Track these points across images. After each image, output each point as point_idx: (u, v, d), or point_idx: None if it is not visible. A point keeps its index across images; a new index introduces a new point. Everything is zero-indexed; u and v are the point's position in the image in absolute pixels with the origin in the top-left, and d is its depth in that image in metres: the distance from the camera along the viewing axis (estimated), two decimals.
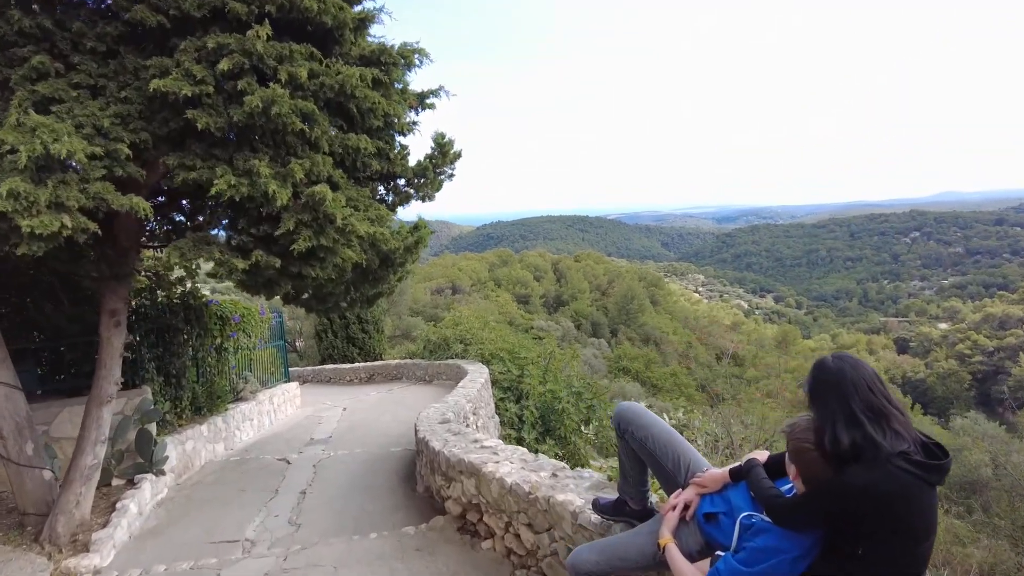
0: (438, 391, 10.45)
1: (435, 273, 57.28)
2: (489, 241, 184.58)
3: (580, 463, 10.73)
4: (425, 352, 11.88)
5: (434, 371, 11.40)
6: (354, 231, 3.85)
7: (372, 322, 17.99)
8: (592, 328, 60.13)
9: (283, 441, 7.43)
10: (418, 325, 22.04)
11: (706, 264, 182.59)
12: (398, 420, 8.33)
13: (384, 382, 12.41)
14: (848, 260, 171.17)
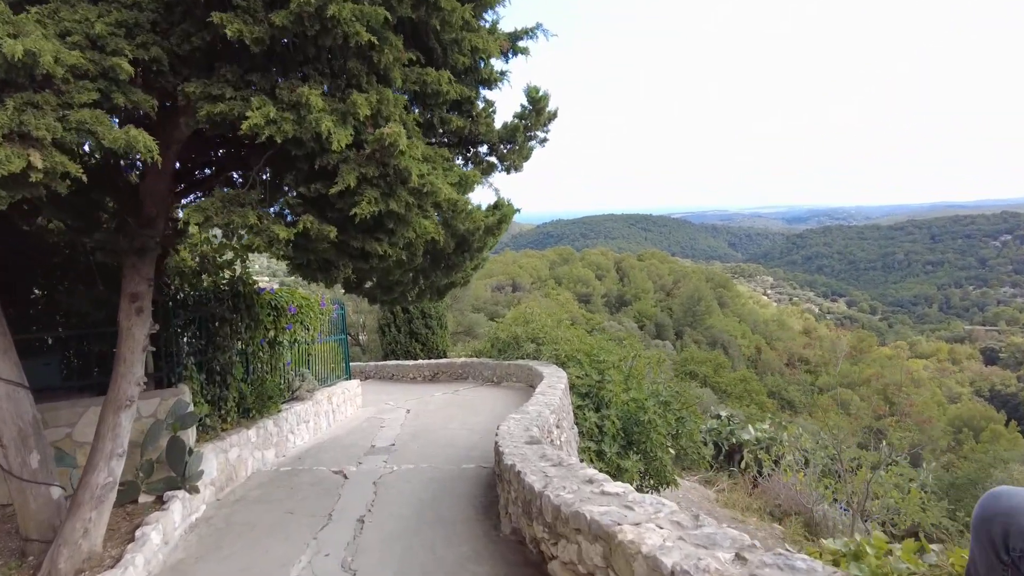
0: (509, 395, 9.48)
1: (496, 270, 56.67)
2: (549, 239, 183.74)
3: (665, 480, 9.55)
4: (493, 351, 10.95)
5: (503, 372, 10.43)
6: (434, 194, 2.86)
7: (436, 317, 17.25)
8: (656, 329, 58.25)
9: (341, 448, 6.59)
10: (480, 322, 21.25)
11: (775, 266, 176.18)
12: (468, 428, 7.37)
13: (449, 382, 11.56)
14: (928, 264, 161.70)
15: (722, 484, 13.66)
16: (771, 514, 11.31)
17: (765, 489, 12.43)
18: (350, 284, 4.60)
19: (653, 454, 9.20)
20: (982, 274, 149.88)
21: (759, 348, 64.52)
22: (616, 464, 8.66)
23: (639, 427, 9.07)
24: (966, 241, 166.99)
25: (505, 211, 4.39)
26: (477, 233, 4.26)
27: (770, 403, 46.81)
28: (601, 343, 10.42)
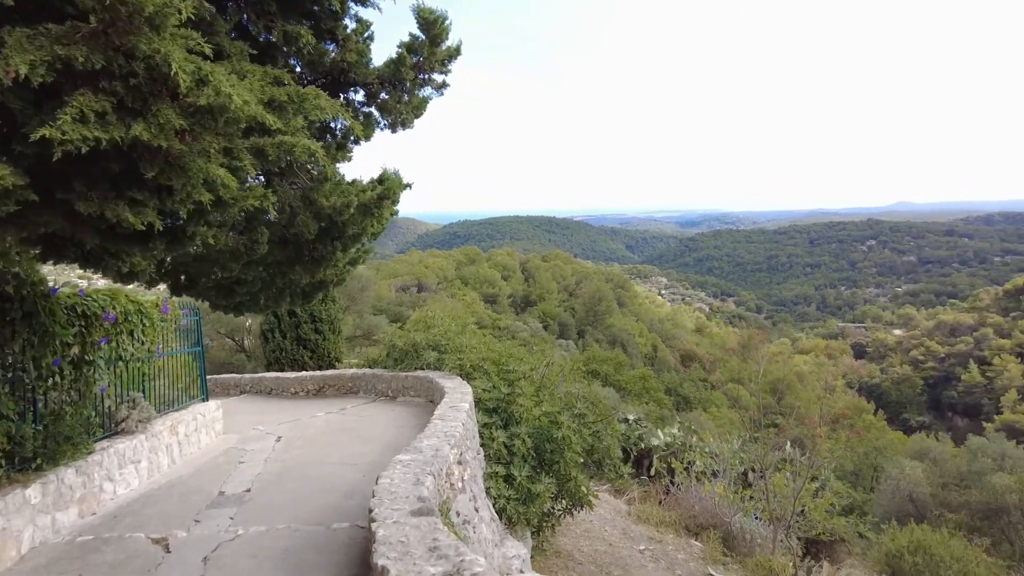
0: (406, 414, 8.17)
1: (401, 270, 54.76)
2: (456, 239, 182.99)
3: (580, 502, 8.61)
4: (389, 360, 9.58)
5: (400, 385, 9.10)
6: (230, 114, 1.59)
7: (328, 321, 15.60)
8: (560, 329, 58.43)
9: (179, 497, 5.07)
10: (382, 325, 19.66)
11: (669, 267, 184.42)
12: (351, 463, 6.02)
13: (336, 397, 10.05)
14: (808, 266, 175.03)
15: (632, 493, 13.01)
16: (687, 528, 10.69)
17: (679, 500, 11.85)
18: (155, 280, 3.20)
19: (567, 474, 8.21)
20: (852, 276, 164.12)
21: (655, 346, 66.47)
22: (527, 489, 7.59)
23: (552, 444, 8.04)
24: (839, 245, 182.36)
25: (390, 184, 3.15)
26: (348, 211, 3.00)
27: (667, 400, 48.03)
28: (510, 350, 9.30)
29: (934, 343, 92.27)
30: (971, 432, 62.22)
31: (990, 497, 12.92)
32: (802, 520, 9.65)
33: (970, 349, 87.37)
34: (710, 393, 53.45)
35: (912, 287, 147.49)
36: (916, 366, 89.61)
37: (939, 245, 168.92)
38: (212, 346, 21.91)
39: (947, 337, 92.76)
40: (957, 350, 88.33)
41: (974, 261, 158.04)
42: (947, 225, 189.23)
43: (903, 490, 14.02)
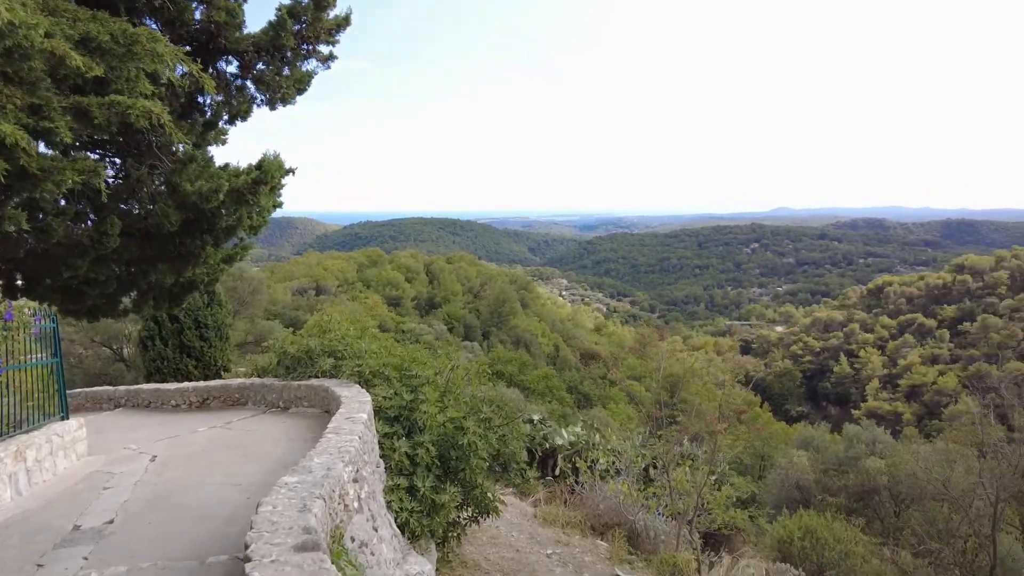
0: (299, 427, 7.58)
1: (297, 272, 52.31)
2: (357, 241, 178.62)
3: (486, 509, 8.36)
4: (280, 368, 8.88)
5: (292, 395, 8.45)
6: (22, 39, 1.18)
7: (214, 327, 14.49)
8: (465, 331, 58.10)
9: (18, 538, 4.33)
10: (275, 330, 18.52)
11: (569, 269, 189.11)
12: (236, 483, 5.43)
13: (222, 409, 9.21)
14: (697, 268, 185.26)
15: (538, 495, 12.94)
16: (592, 528, 10.71)
17: (584, 499, 11.88)
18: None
19: (473, 482, 7.94)
20: (738, 276, 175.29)
21: (557, 346, 67.62)
22: (431, 500, 7.25)
23: (457, 452, 7.74)
24: (725, 248, 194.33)
25: (268, 168, 2.73)
26: (217, 198, 2.56)
27: (569, 398, 48.91)
28: (413, 354, 8.90)
29: (810, 339, 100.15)
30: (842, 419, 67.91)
31: (864, 480, 13.92)
32: (704, 514, 9.89)
33: (840, 343, 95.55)
34: (609, 390, 54.96)
35: (791, 287, 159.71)
36: (795, 360, 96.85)
37: (814, 248, 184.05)
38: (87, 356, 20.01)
39: (821, 333, 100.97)
40: (830, 344, 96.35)
41: (843, 263, 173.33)
42: (820, 229, 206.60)
43: (791, 478, 14.86)
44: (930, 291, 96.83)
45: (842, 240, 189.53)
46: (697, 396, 17.53)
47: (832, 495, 14.32)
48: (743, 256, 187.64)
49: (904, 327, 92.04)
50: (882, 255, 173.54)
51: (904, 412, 71.76)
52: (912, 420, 68.16)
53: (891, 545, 12.49)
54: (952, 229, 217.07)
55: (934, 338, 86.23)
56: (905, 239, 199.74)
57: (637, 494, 10.69)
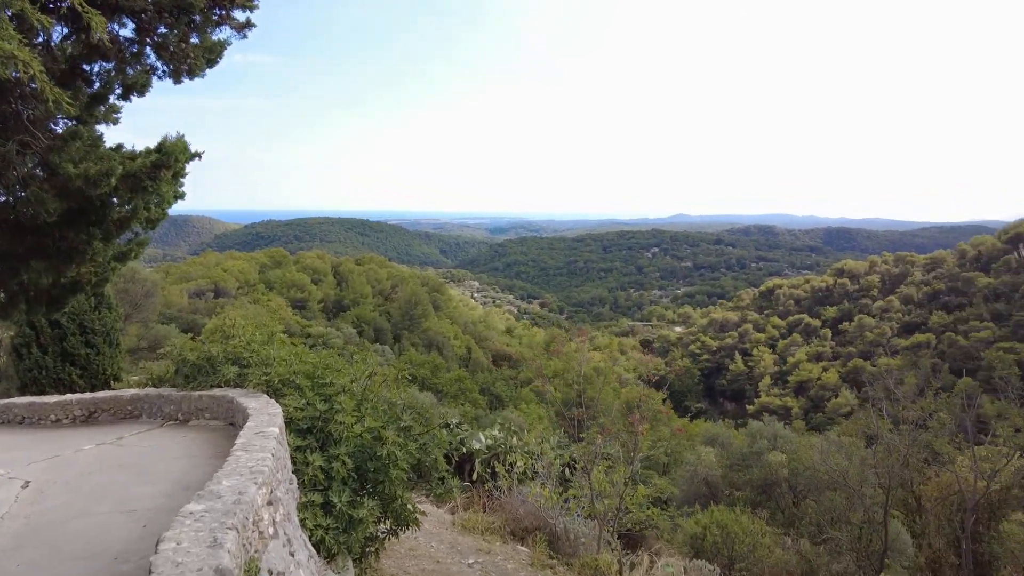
0: (201, 442, 6.91)
1: (195, 273, 49.03)
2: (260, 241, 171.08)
3: (406, 522, 7.99)
4: (179, 377, 8.09)
5: (192, 407, 7.72)
6: None
7: (102, 332, 13.20)
8: (375, 334, 56.77)
9: None
10: (173, 335, 17.12)
11: (481, 271, 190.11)
12: (127, 509, 4.81)
13: (113, 423, 8.27)
14: (602, 271, 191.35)
15: (455, 501, 12.65)
16: (513, 533, 10.56)
17: (503, 504, 11.72)
18: None
19: (392, 494, 7.56)
20: (639, 279, 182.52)
21: (469, 348, 67.55)
22: (348, 516, 6.83)
23: (376, 463, 7.35)
24: (628, 252, 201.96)
25: (170, 149, 2.37)
26: (108, 183, 2.19)
27: (482, 400, 48.95)
28: (327, 360, 8.39)
29: (708, 338, 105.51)
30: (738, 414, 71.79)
31: (767, 473, 14.62)
32: (623, 515, 9.98)
33: (735, 343, 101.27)
34: (520, 391, 55.42)
35: (689, 289, 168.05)
36: (694, 359, 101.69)
37: (710, 252, 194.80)
38: None
39: (718, 333, 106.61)
40: (725, 344, 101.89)
41: (736, 267, 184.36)
42: (716, 235, 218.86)
43: (699, 474, 15.38)
44: (815, 293, 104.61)
45: (736, 245, 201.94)
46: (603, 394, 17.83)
47: (738, 489, 14.93)
48: (645, 260, 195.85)
49: (792, 327, 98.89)
50: (772, 260, 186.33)
51: (793, 406, 77.04)
52: (800, 414, 73.24)
53: (792, 535, 13.17)
54: (833, 236, 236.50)
55: (818, 337, 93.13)
56: (792, 245, 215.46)
57: (556, 497, 10.65)
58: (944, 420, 9.88)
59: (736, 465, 15.73)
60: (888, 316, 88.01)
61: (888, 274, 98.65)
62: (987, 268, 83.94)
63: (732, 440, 17.08)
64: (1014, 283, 77.55)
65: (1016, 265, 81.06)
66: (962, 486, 9.84)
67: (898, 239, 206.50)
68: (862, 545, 9.94)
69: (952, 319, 78.31)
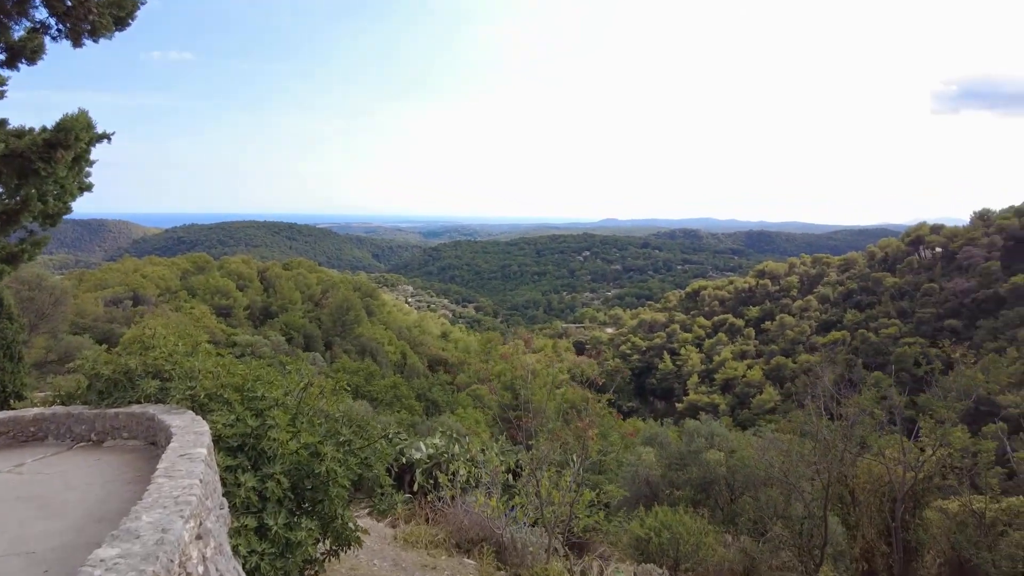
0: (117, 466, 6.24)
1: (111, 279, 45.89)
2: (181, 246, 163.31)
3: (347, 541, 7.52)
4: (91, 393, 7.32)
5: (108, 426, 6.99)
6: None
7: (2, 345, 11.99)
8: (305, 341, 54.92)
9: None
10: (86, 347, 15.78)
11: (415, 276, 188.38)
12: (26, 549, 4.18)
13: (12, 447, 7.39)
14: (535, 274, 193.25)
15: (397, 514, 12.17)
16: (458, 545, 10.21)
17: (446, 515, 11.34)
18: None
19: (332, 512, 7.10)
20: (572, 282, 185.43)
21: (404, 354, 66.54)
22: (284, 539, 6.34)
23: (314, 481, 6.87)
24: (560, 256, 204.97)
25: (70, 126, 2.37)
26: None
27: (418, 405, 48.23)
28: (257, 372, 7.82)
29: (637, 339, 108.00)
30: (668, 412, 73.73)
31: (706, 472, 14.84)
32: (572, 521, 9.82)
33: (664, 343, 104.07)
34: (456, 396, 54.93)
35: (619, 291, 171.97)
36: (625, 359, 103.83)
37: (638, 256, 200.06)
38: None
39: (647, 333, 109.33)
40: (654, 344, 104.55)
41: (663, 269, 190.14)
42: (643, 239, 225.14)
43: (640, 475, 15.46)
44: (738, 294, 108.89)
45: (662, 249, 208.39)
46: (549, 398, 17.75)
47: (678, 488, 15.09)
48: (576, 263, 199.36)
49: (718, 326, 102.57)
50: (697, 262, 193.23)
51: (720, 403, 79.75)
52: (727, 410, 75.87)
53: (732, 531, 13.40)
54: (754, 239, 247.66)
55: (742, 336, 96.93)
56: (716, 248, 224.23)
57: (503, 505, 10.38)
58: (879, 415, 10.26)
59: (675, 464, 15.91)
60: (807, 315, 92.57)
61: (806, 275, 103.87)
62: (893, 268, 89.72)
63: (669, 440, 17.29)
64: (916, 282, 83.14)
65: (918, 266, 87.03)
66: (892, 477, 10.22)
67: (814, 241, 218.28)
68: (803, 540, 10.18)
69: (864, 317, 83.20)
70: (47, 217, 2.23)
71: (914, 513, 10.97)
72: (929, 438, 10.89)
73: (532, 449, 9.90)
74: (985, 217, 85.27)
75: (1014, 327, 65.72)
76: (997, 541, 10.67)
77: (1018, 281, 69.72)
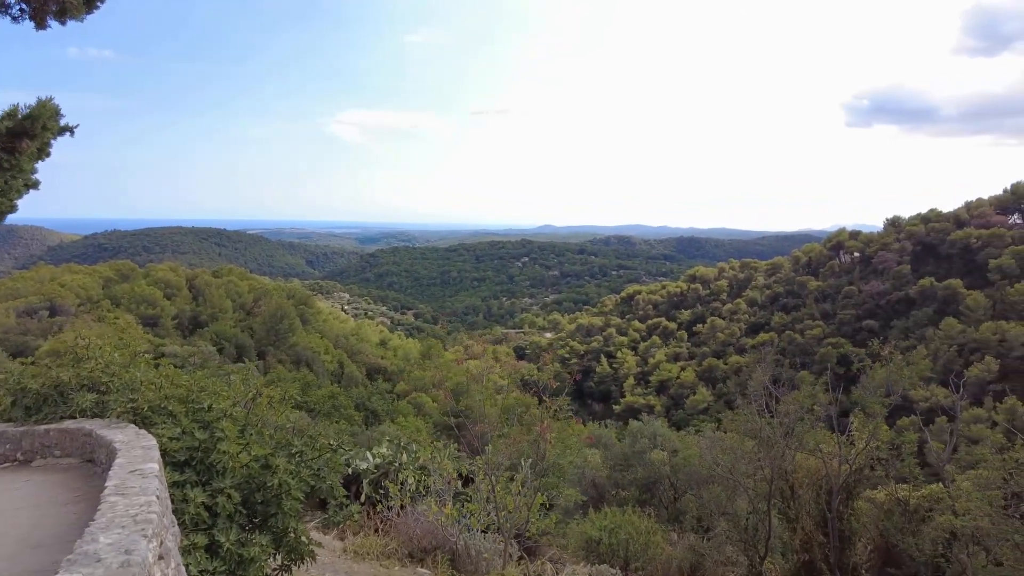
0: (51, 486, 5.81)
1: (24, 289, 42.85)
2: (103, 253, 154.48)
3: (300, 555, 7.26)
4: (17, 410, 6.79)
5: (37, 444, 6.50)
6: None
7: None
8: (237, 351, 52.91)
9: None
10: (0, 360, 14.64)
11: (351, 283, 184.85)
12: None
13: None
14: (475, 280, 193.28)
15: (344, 526, 11.86)
16: (411, 555, 10.05)
17: (396, 525, 11.14)
18: None
19: (284, 527, 6.85)
20: (511, 288, 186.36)
21: (342, 362, 65.16)
22: (237, 556, 6.07)
23: (265, 494, 6.62)
24: (499, 262, 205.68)
25: (36, 114, 2.17)
26: None
27: (357, 415, 47.27)
28: (202, 382, 7.48)
29: (575, 343, 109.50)
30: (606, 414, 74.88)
31: (650, 472, 15.17)
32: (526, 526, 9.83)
33: (601, 346, 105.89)
34: (396, 404, 54.14)
35: (557, 296, 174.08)
36: (563, 363, 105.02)
37: (575, 262, 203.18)
38: None
39: (584, 337, 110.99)
40: (592, 347, 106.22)
41: (599, 274, 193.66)
42: (579, 245, 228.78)
43: (587, 476, 15.65)
44: (671, 298, 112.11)
45: (598, 255, 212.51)
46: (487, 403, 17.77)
47: (623, 489, 15.35)
48: (515, 269, 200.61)
49: (652, 330, 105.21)
50: (630, 267, 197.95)
51: (656, 404, 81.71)
52: (662, 411, 77.84)
53: (676, 529, 13.73)
54: (684, 245, 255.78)
55: (675, 338, 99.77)
56: (648, 253, 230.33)
57: (456, 512, 10.29)
58: (818, 412, 10.77)
59: (619, 465, 16.20)
60: (736, 318, 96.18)
61: (735, 279, 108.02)
62: (816, 272, 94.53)
63: (613, 441, 17.59)
64: (837, 285, 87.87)
65: (839, 269, 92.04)
66: (828, 470, 10.74)
67: (742, 247, 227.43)
68: (748, 534, 10.55)
69: (790, 319, 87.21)
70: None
71: (847, 504, 11.54)
72: (860, 432, 11.50)
73: (484, 454, 9.86)
74: (896, 224, 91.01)
75: (922, 326, 70.47)
76: (920, 527, 11.37)
77: (925, 284, 74.75)
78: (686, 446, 15.28)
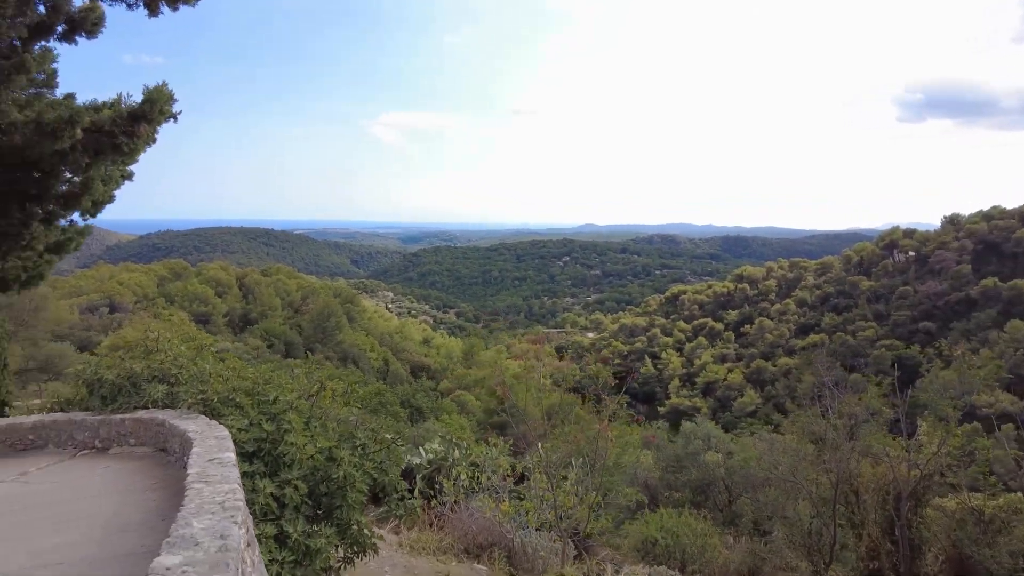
0: (130, 472, 5.97)
1: (86, 287, 44.81)
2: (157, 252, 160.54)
3: (363, 547, 7.30)
4: (94, 399, 7.02)
5: (114, 432, 6.70)
6: None
7: None
8: (286, 348, 54.15)
9: None
10: (67, 355, 15.27)
11: (394, 282, 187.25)
12: (48, 562, 3.92)
13: (11, 456, 7.04)
14: (516, 280, 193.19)
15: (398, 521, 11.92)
16: (467, 551, 10.02)
17: (452, 521, 11.14)
18: None
19: (349, 519, 6.88)
20: (552, 287, 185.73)
21: (387, 360, 65.98)
22: (304, 547, 6.12)
23: (331, 486, 6.66)
24: (541, 261, 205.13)
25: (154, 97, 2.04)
26: (69, 134, 2.71)
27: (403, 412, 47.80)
28: (266, 374, 7.59)
29: (619, 343, 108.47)
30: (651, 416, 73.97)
31: (704, 474, 14.82)
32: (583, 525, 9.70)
33: (645, 347, 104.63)
34: (440, 401, 54.56)
35: (599, 296, 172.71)
36: (606, 363, 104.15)
37: (617, 261, 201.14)
38: None
39: (628, 337, 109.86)
40: (636, 348, 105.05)
41: (642, 274, 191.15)
42: (622, 244, 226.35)
43: (639, 478, 15.40)
44: (717, 298, 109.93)
45: (641, 254, 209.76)
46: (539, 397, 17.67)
47: (676, 491, 15.05)
48: (556, 268, 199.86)
49: (697, 330, 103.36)
50: (675, 267, 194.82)
51: (702, 407, 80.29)
52: (709, 413, 76.43)
53: (732, 532, 13.37)
54: (730, 244, 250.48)
55: (722, 339, 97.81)
56: (693, 253, 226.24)
57: (512, 509, 10.22)
58: (887, 414, 10.32)
59: (672, 467, 15.88)
60: (785, 318, 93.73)
61: (784, 279, 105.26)
62: (868, 272, 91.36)
63: (665, 442, 17.27)
64: (891, 286, 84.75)
65: (892, 269, 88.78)
66: (896, 476, 10.27)
67: (789, 246, 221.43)
68: (811, 539, 10.18)
69: (841, 319, 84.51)
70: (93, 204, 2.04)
71: (916, 511, 11.03)
72: (929, 436, 10.97)
73: (539, 452, 9.77)
74: (955, 222, 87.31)
75: (985, 329, 67.32)
76: (997, 538, 10.78)
77: (988, 284, 71.44)
78: (741, 448, 14.86)
